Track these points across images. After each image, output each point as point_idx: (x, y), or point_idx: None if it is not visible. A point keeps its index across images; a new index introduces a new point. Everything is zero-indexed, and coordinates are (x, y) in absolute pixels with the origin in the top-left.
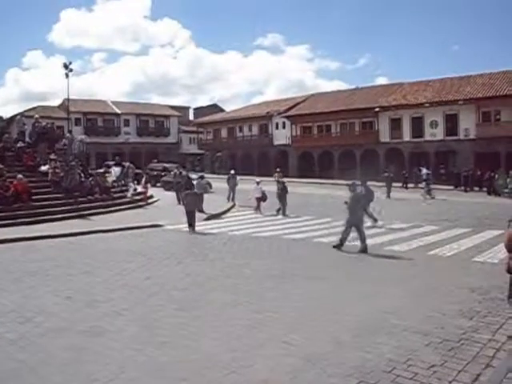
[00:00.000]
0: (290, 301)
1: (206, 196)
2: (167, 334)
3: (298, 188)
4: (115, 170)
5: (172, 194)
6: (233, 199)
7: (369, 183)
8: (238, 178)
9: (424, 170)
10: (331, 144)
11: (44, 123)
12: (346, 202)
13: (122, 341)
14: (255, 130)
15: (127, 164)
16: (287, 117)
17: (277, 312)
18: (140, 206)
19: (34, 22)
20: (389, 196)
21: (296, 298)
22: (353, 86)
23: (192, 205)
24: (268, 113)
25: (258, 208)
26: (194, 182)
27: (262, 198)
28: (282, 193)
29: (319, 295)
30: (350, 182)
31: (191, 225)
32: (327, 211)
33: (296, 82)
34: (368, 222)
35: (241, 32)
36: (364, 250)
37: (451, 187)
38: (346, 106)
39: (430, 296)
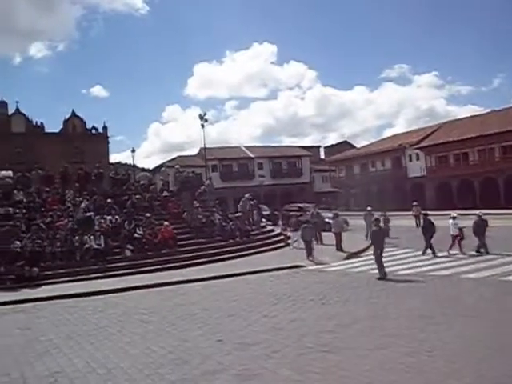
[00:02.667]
0: (443, 342)
1: (343, 234)
2: (319, 378)
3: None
4: (254, 214)
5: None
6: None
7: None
8: (376, 214)
9: None
10: (470, 172)
11: (185, 172)
12: None
13: None
14: (388, 163)
15: (294, 215)
16: (420, 148)
17: (430, 355)
18: (280, 248)
19: (170, 79)
20: None
21: (449, 340)
22: (488, 110)
23: (308, 235)
24: (400, 145)
25: (452, 247)
26: (331, 221)
27: (460, 235)
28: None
29: (474, 336)
30: (374, 218)
31: (310, 253)
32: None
33: (426, 111)
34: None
35: (366, 67)
36: (383, 277)
37: None
38: (483, 131)
39: None
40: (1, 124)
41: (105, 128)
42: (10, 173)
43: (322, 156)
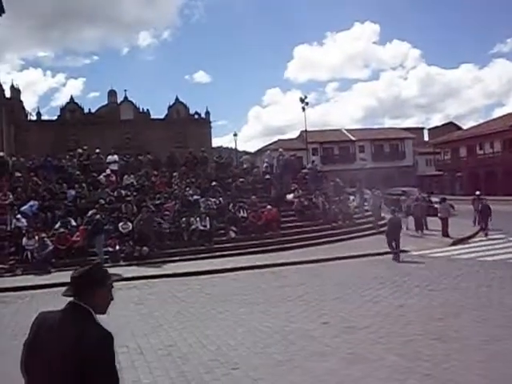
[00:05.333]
0: None
1: (449, 219)
2: (429, 366)
3: None
4: (356, 197)
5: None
6: (479, 223)
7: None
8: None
9: None
10: None
11: (287, 155)
12: None
13: (382, 369)
14: (498, 146)
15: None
16: None
17: None
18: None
19: (271, 62)
20: None
21: None
22: None
23: (419, 212)
24: None
25: None
26: (436, 206)
27: None
28: None
29: None
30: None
31: (420, 229)
32: None
33: None
34: None
35: (474, 43)
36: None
37: None
38: None
39: None
40: (111, 112)
41: (207, 113)
42: (115, 157)
43: (426, 138)
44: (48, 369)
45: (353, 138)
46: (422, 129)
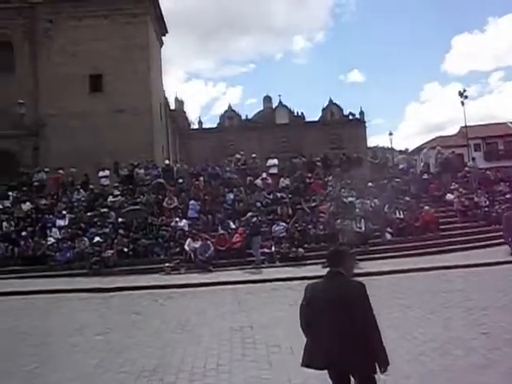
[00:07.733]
0: None
1: None
2: None
3: None
4: None
5: None
6: None
7: None
8: None
9: None
10: None
11: (446, 153)
12: None
13: None
14: None
15: None
16: None
17: None
18: None
19: (427, 56)
20: None
21: None
22: None
23: None
24: None
25: None
26: None
27: None
28: None
29: None
30: None
31: None
32: None
33: None
34: None
35: None
36: None
37: None
38: None
39: None
40: (267, 117)
41: (361, 113)
42: (275, 161)
43: None
44: (328, 314)
45: None
46: None
